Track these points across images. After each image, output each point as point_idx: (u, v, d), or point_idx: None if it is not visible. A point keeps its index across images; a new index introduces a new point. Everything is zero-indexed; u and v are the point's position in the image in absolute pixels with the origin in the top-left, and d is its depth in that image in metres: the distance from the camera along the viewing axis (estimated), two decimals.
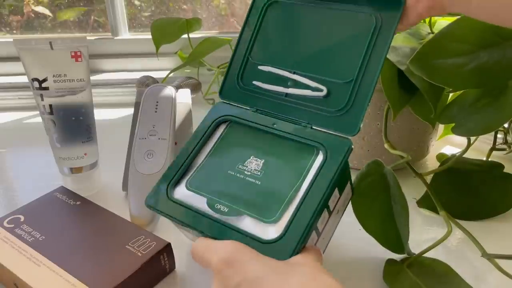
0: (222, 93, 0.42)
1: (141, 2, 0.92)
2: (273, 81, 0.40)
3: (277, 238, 0.32)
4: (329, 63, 0.38)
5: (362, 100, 0.36)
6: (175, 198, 0.36)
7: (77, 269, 0.37)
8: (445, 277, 0.39)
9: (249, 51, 0.41)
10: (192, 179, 0.37)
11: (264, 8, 0.41)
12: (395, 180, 0.41)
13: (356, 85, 0.36)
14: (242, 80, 0.41)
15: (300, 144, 0.37)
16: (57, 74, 0.48)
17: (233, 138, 0.39)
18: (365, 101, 0.36)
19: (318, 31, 0.39)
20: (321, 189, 0.33)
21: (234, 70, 0.41)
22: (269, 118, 0.39)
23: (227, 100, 0.41)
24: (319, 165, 0.35)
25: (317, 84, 0.38)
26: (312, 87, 0.38)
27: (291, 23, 0.40)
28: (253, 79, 0.40)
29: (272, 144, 0.38)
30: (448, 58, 0.42)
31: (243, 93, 0.41)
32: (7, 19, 0.89)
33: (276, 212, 0.33)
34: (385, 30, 0.36)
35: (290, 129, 0.38)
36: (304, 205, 0.33)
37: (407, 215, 0.39)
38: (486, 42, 0.41)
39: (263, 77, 0.40)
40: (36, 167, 0.61)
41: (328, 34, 0.38)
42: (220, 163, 0.37)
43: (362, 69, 0.36)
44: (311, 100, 0.38)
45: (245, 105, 0.40)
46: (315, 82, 0.38)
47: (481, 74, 0.41)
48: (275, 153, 0.37)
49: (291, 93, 0.39)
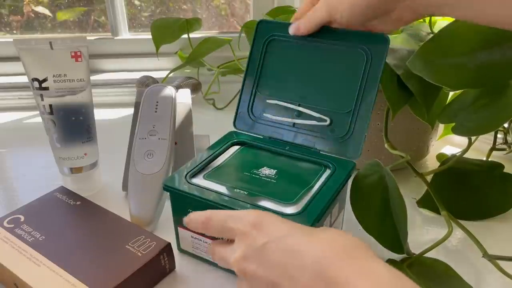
0: (236, 123, 0.47)
1: (141, 2, 0.92)
2: (281, 112, 0.45)
3: (297, 213, 0.35)
4: (329, 95, 0.43)
5: (361, 128, 0.41)
6: (194, 182, 0.39)
7: (77, 269, 0.37)
8: (446, 277, 0.39)
9: (257, 86, 0.46)
10: (209, 174, 0.41)
11: (265, 44, 0.45)
12: (393, 181, 0.41)
13: (355, 115, 0.41)
14: (253, 112, 0.46)
15: (309, 162, 0.42)
16: (57, 74, 0.48)
17: (246, 155, 0.44)
18: (364, 128, 0.41)
19: (315, 65, 0.43)
20: (335, 183, 0.38)
21: (244, 102, 0.46)
22: (280, 143, 0.44)
23: (241, 130, 0.47)
24: (328, 175, 0.40)
25: (321, 115, 0.43)
26: (316, 118, 0.43)
27: (290, 59, 0.45)
28: (263, 111, 0.46)
29: (283, 161, 0.43)
30: (448, 58, 0.42)
31: (255, 123, 0.46)
32: (7, 19, 0.89)
33: (295, 197, 0.37)
34: (375, 63, 0.40)
35: (300, 151, 0.43)
36: (320, 193, 0.37)
37: (405, 215, 0.39)
38: (486, 42, 0.41)
39: (272, 109, 0.45)
40: (36, 167, 0.61)
41: (325, 68, 0.43)
42: (236, 167, 0.42)
43: (358, 100, 0.41)
44: (317, 128, 0.43)
45: (258, 134, 0.46)
46: (319, 113, 0.43)
47: (481, 74, 0.41)
48: (286, 166, 0.42)
49: (298, 123, 0.44)
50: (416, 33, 0.51)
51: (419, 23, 0.57)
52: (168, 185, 0.39)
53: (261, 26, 0.45)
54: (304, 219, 0.34)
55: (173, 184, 0.39)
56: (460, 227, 0.40)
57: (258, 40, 0.45)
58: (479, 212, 0.49)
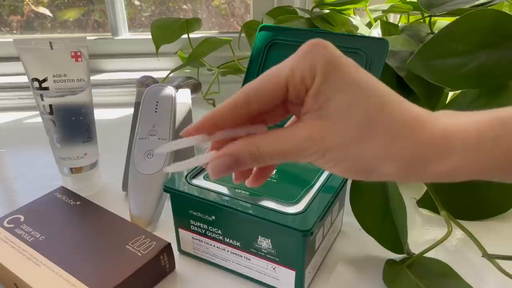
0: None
1: (141, 2, 0.92)
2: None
3: (299, 212, 0.35)
4: None
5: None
6: (194, 183, 0.39)
7: (77, 269, 0.37)
8: (445, 277, 0.39)
9: None
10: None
11: (266, 48, 0.45)
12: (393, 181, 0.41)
13: None
14: None
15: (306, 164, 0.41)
16: (57, 74, 0.48)
17: None
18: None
19: None
20: (335, 182, 0.39)
21: None
22: None
23: None
24: (328, 174, 0.40)
25: None
26: None
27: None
28: None
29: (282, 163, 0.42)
30: (448, 58, 0.42)
31: None
32: (7, 19, 0.89)
33: (296, 196, 0.37)
34: (374, 65, 0.41)
35: None
36: (321, 192, 0.37)
37: (405, 215, 0.40)
38: (485, 42, 0.41)
39: None
40: (36, 167, 0.61)
41: None
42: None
43: None
44: None
45: None
46: None
47: (480, 74, 0.41)
48: (286, 166, 0.42)
49: None
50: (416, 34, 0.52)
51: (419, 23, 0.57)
52: (169, 186, 0.39)
53: (263, 31, 0.45)
54: (306, 218, 0.34)
55: (173, 185, 0.39)
56: (459, 227, 0.40)
57: (259, 44, 0.46)
58: (479, 212, 0.49)
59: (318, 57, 0.23)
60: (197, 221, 0.39)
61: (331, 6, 0.63)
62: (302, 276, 0.36)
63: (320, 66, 0.23)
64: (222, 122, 0.25)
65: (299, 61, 0.24)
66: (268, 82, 0.24)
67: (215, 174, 0.25)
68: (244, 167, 0.25)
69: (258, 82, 0.25)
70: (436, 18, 0.55)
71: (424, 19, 0.58)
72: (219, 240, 0.39)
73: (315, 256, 0.38)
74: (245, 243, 0.37)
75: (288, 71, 0.24)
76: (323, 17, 0.64)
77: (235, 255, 0.39)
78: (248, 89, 0.25)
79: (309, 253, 0.36)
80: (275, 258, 0.36)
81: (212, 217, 0.38)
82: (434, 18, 0.53)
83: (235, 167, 0.25)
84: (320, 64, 0.23)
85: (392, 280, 0.39)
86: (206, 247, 0.40)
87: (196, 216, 0.39)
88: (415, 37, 0.51)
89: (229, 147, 0.25)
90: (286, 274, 0.36)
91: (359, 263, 0.43)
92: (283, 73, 0.24)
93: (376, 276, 0.41)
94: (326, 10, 0.66)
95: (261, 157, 0.24)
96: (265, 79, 0.24)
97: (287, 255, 0.35)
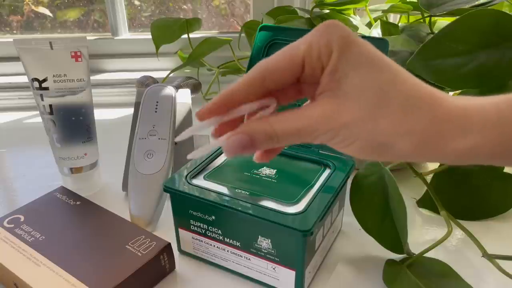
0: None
1: (141, 2, 0.92)
2: None
3: (299, 212, 0.35)
4: None
5: None
6: (194, 183, 0.39)
7: (77, 269, 0.37)
8: (445, 277, 0.39)
9: None
10: (209, 174, 0.41)
11: (266, 48, 0.45)
12: (393, 181, 0.41)
13: None
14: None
15: (308, 161, 0.43)
16: (57, 74, 0.48)
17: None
18: None
19: None
20: (335, 182, 0.39)
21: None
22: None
23: None
24: (328, 174, 0.40)
25: None
26: None
27: None
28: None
29: (283, 160, 0.43)
30: (447, 58, 0.42)
31: None
32: (7, 19, 0.89)
33: (296, 196, 0.37)
34: None
35: (299, 150, 0.44)
36: (321, 192, 0.37)
37: (405, 215, 0.40)
38: (485, 42, 0.41)
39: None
40: (36, 167, 0.61)
41: None
42: (236, 167, 0.42)
43: None
44: None
45: None
46: None
47: (480, 74, 0.41)
48: (286, 166, 0.42)
49: None
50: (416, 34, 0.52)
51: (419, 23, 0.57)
52: (169, 186, 0.39)
53: (263, 31, 0.45)
54: (306, 218, 0.34)
55: (173, 185, 0.39)
56: (459, 227, 0.40)
57: (259, 44, 0.45)
58: (479, 212, 0.49)
59: (334, 34, 0.23)
60: (197, 221, 0.39)
61: (331, 6, 0.63)
62: (302, 276, 0.36)
63: (337, 43, 0.23)
64: (234, 101, 0.25)
65: (317, 37, 0.24)
66: (284, 58, 0.24)
67: (230, 151, 0.25)
68: (259, 147, 0.25)
69: (274, 58, 0.25)
70: (436, 18, 0.55)
71: (424, 19, 0.58)
72: (219, 240, 0.39)
73: (315, 256, 0.38)
74: (245, 243, 0.37)
75: (306, 46, 0.24)
76: (323, 17, 0.64)
77: (235, 255, 0.39)
78: (263, 66, 0.25)
79: (309, 253, 0.36)
80: (275, 258, 0.36)
81: (212, 217, 0.38)
82: (434, 18, 0.53)
83: (251, 147, 0.24)
84: (337, 41, 0.23)
85: (392, 280, 0.39)
86: (206, 247, 0.40)
87: (196, 216, 0.39)
88: (415, 37, 0.51)
89: (244, 126, 0.25)
90: (286, 274, 0.36)
91: (359, 263, 0.43)
92: (301, 49, 0.24)
93: (376, 276, 0.41)
94: (326, 10, 0.66)
95: (276, 136, 0.24)
96: (281, 55, 0.25)
97: (287, 255, 0.35)
